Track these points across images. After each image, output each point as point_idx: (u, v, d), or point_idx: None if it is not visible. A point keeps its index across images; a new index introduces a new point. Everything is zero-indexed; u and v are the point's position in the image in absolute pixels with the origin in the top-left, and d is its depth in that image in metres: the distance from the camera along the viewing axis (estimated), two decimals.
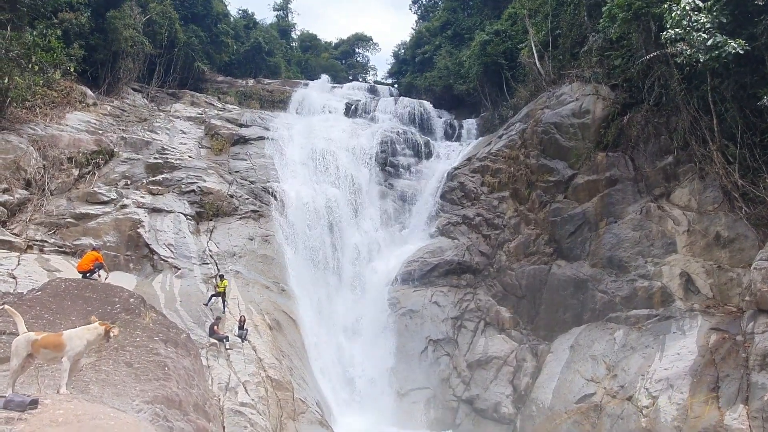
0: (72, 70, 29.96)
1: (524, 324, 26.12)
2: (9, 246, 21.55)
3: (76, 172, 26.67)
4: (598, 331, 23.07)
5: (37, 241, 22.98)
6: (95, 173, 27.24)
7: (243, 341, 19.52)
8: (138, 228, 24.85)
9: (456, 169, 32.71)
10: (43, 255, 22.25)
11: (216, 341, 18.81)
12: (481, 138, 38.32)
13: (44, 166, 25.40)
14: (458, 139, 40.47)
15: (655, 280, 22.27)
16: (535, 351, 24.91)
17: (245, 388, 16.42)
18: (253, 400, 15.86)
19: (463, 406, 24.68)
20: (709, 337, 18.89)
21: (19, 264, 20.37)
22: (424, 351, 26.42)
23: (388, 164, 35.44)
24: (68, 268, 20.71)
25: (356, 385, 25.46)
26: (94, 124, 30.15)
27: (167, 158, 29.76)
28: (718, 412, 16.46)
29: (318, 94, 45.71)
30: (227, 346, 18.87)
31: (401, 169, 35.55)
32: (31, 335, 5.34)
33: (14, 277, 18.84)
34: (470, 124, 41.59)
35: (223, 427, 13.03)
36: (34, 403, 4.13)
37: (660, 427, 17.50)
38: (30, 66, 25.81)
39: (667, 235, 22.76)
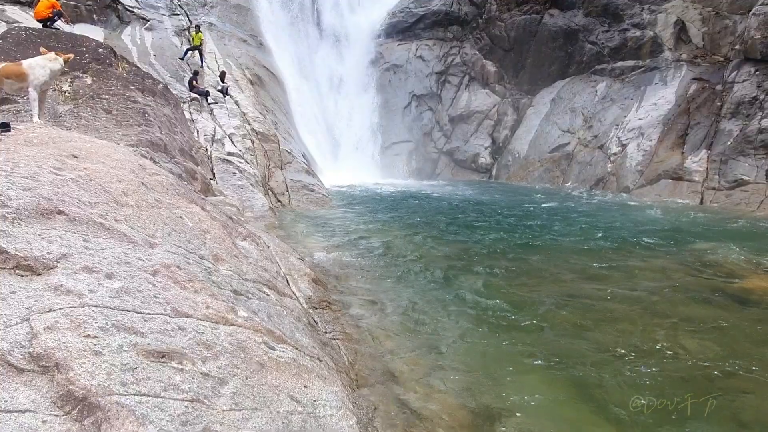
0: None
1: (509, 78, 25.95)
2: None
3: None
4: (581, 84, 23.11)
5: None
6: None
7: (225, 96, 19.34)
8: None
9: None
10: None
11: (197, 96, 18.60)
12: None
13: None
14: None
15: (648, 29, 21.49)
16: (516, 105, 25.25)
17: (231, 139, 16.83)
18: (240, 150, 16.40)
19: (443, 158, 25.95)
20: (689, 87, 19.06)
21: None
22: (408, 106, 26.66)
23: None
24: (27, 20, 19.27)
25: (340, 138, 26.23)
26: None
27: None
28: (681, 156, 17.52)
29: None
30: (209, 101, 18.76)
31: None
32: None
33: None
34: None
35: (213, 173, 13.72)
36: (5, 126, 4.15)
37: (624, 171, 18.79)
38: None
39: None
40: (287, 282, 5.55)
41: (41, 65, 5.12)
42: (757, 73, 17.18)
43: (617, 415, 4.25)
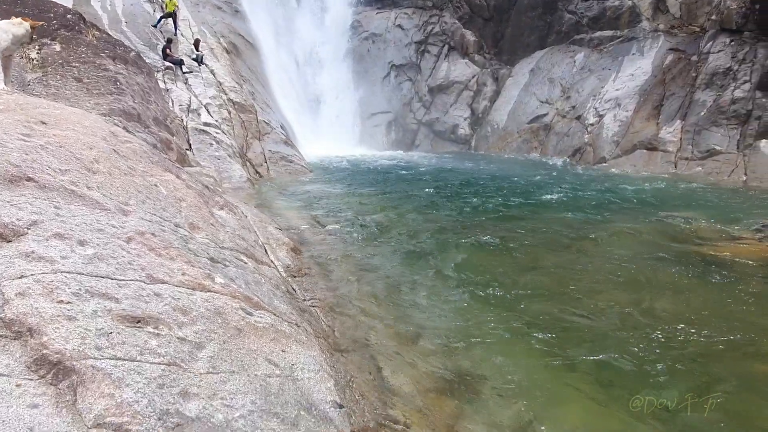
0: None
1: (488, 48, 25.79)
2: None
3: None
4: (559, 55, 23.10)
5: None
6: None
7: (200, 65, 18.87)
8: None
9: None
10: None
11: (171, 65, 18.13)
12: None
13: None
14: None
15: None
16: (496, 75, 25.17)
17: (207, 110, 16.52)
18: (216, 121, 16.12)
19: (422, 129, 25.88)
20: (666, 57, 19.19)
21: None
22: (387, 76, 26.39)
23: None
24: None
25: (319, 109, 25.92)
26: None
27: None
28: (656, 127, 17.76)
29: None
30: (184, 70, 18.31)
31: None
32: None
33: None
34: None
35: (189, 143, 13.49)
36: None
37: (600, 142, 19.00)
38: None
39: None
40: (265, 251, 5.55)
41: (4, 29, 4.93)
42: (732, 43, 17.37)
43: (588, 383, 4.39)
